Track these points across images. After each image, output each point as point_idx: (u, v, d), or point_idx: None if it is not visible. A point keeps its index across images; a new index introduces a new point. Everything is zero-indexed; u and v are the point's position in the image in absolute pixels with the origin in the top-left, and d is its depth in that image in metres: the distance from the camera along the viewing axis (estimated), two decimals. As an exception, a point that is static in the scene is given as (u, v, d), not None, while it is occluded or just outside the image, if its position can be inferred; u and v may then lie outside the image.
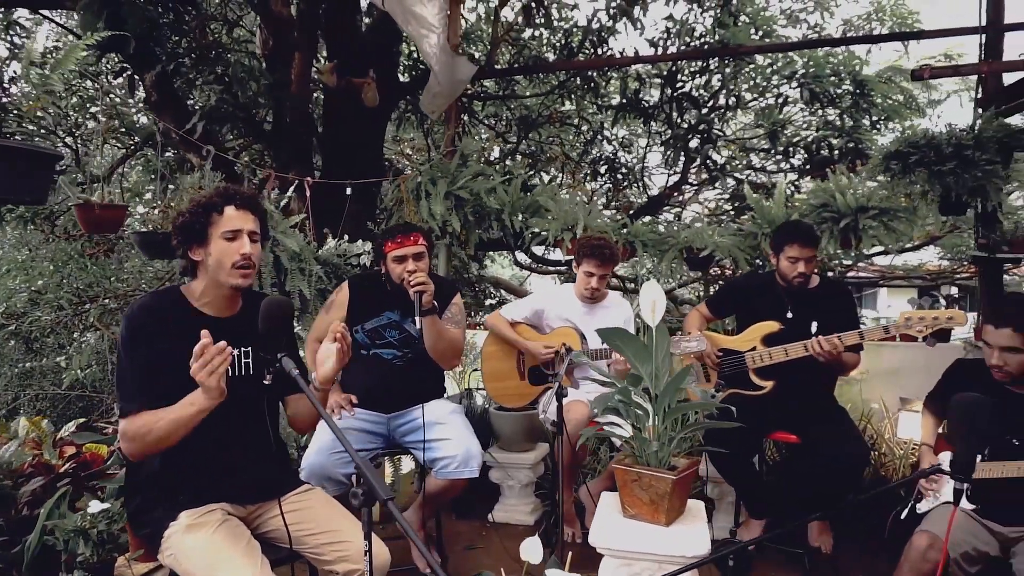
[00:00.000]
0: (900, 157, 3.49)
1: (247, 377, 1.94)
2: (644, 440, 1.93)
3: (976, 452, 1.45)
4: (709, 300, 3.42)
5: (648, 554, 1.86)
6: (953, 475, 1.46)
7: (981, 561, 2.22)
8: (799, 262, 2.96)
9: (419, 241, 2.74)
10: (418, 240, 2.74)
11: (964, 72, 3.94)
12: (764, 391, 3.04)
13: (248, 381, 1.93)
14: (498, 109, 7.76)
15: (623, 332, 1.95)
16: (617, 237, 4.77)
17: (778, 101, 5.70)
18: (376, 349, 2.88)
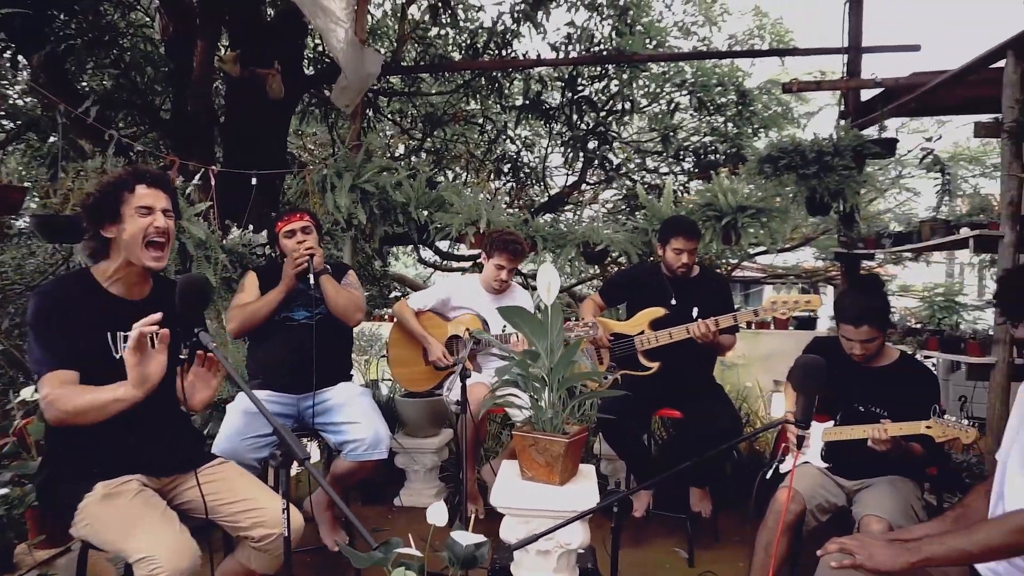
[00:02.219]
0: (772, 161, 3.87)
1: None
2: (540, 408, 2.12)
3: (813, 405, 1.72)
4: (601, 289, 3.68)
5: (544, 510, 2.05)
6: (796, 423, 1.73)
7: (831, 511, 2.55)
8: (683, 253, 3.25)
9: (304, 218, 3.01)
10: (303, 217, 3.02)
11: (826, 87, 4.40)
12: (651, 371, 3.32)
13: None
14: (403, 106, 7.84)
15: (521, 310, 2.13)
16: (519, 232, 4.99)
17: (669, 107, 6.09)
18: (287, 312, 2.98)
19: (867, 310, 2.45)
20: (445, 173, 8.13)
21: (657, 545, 3.44)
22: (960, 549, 1.58)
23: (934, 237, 3.44)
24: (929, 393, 2.45)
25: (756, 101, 5.81)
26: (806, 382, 1.70)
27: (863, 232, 4.37)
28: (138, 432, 1.91)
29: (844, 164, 3.75)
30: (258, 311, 2.91)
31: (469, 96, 7.26)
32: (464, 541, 1.94)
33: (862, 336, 2.48)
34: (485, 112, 7.59)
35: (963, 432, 2.21)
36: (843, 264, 4.69)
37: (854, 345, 2.52)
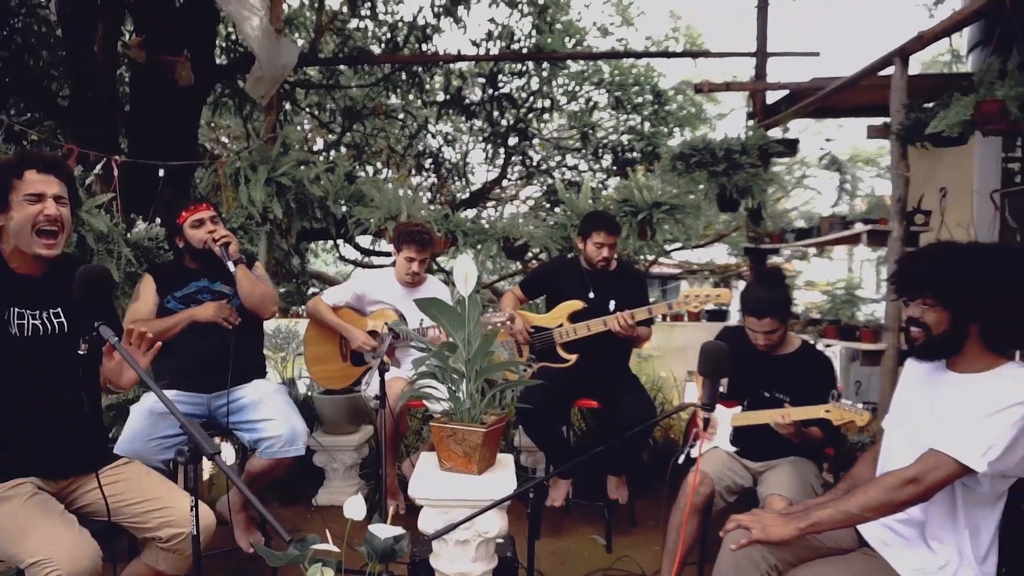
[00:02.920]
0: (684, 158, 4.01)
1: (58, 337, 1.89)
2: (458, 399, 2.13)
3: (717, 389, 1.80)
4: (522, 283, 3.72)
5: (462, 500, 2.06)
6: (701, 407, 1.81)
7: (738, 491, 2.68)
8: (604, 247, 3.33)
9: (209, 207, 2.91)
10: (209, 207, 2.91)
11: (734, 88, 4.59)
12: (569, 364, 3.38)
13: (59, 342, 1.88)
14: (322, 99, 7.68)
15: (438, 302, 2.13)
16: (439, 227, 4.97)
17: (588, 105, 6.21)
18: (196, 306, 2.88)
19: (769, 303, 2.58)
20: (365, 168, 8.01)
21: (577, 533, 3.51)
22: (844, 511, 1.69)
23: (832, 232, 3.65)
24: (827, 379, 2.60)
25: (671, 101, 6.01)
26: (710, 367, 1.78)
27: (769, 228, 4.58)
28: (32, 432, 1.81)
29: (751, 162, 3.93)
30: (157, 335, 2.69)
31: (389, 90, 7.18)
32: (382, 534, 1.93)
33: (765, 327, 2.60)
34: (406, 107, 7.52)
35: (858, 415, 2.36)
36: (751, 258, 4.91)
37: (758, 336, 2.65)
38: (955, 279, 1.68)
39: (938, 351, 1.76)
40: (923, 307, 1.74)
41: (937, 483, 1.63)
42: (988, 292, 1.65)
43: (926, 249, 1.81)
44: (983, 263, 1.69)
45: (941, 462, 1.63)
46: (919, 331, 1.76)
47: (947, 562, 1.69)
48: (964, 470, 1.60)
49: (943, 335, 1.72)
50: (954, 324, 1.71)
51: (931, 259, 1.75)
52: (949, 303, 1.70)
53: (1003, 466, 1.61)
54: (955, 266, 1.70)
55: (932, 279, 1.71)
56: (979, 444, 1.59)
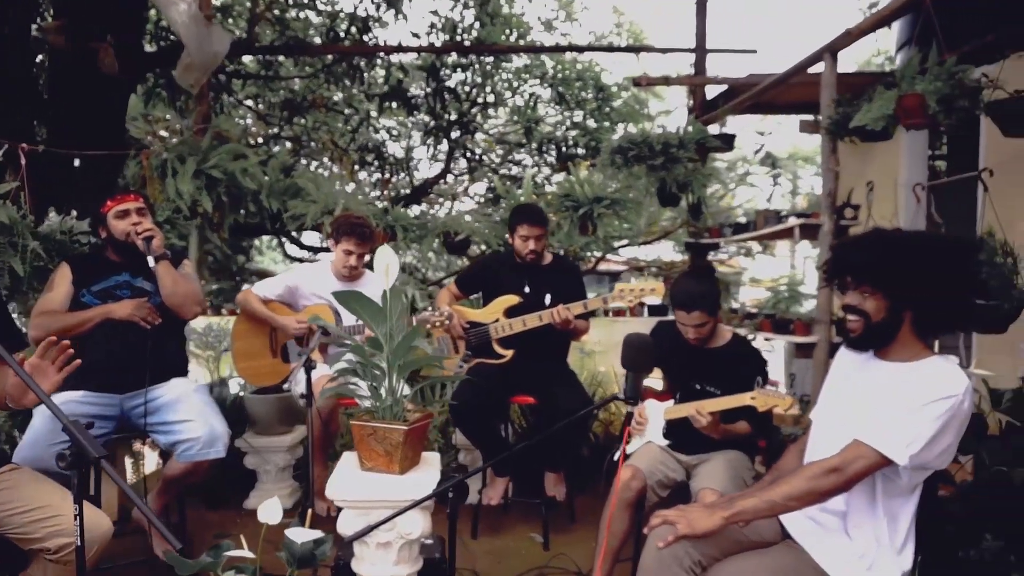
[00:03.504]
0: (622, 152, 4.00)
1: None
2: (380, 396, 2.05)
3: (641, 381, 1.77)
4: (458, 279, 3.65)
5: (383, 501, 1.98)
6: (625, 400, 1.77)
7: (671, 486, 2.66)
8: (530, 240, 3.29)
9: (139, 199, 2.82)
10: (137, 198, 2.82)
11: (673, 83, 4.61)
12: (505, 359, 3.33)
13: None
14: (260, 91, 7.47)
15: (358, 295, 2.05)
16: (378, 222, 4.87)
17: (530, 100, 6.17)
18: (112, 302, 2.75)
19: (697, 296, 2.57)
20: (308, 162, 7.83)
21: (516, 532, 3.46)
22: (768, 500, 1.67)
23: (767, 226, 3.68)
24: (756, 370, 2.60)
25: (614, 97, 6.01)
26: (632, 360, 1.75)
27: (709, 224, 4.62)
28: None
29: (688, 156, 3.94)
30: (67, 330, 2.56)
31: (331, 83, 7.02)
32: (299, 538, 1.84)
33: (694, 320, 2.59)
34: (349, 100, 7.37)
35: (781, 400, 2.36)
36: (691, 254, 4.94)
37: (688, 329, 2.64)
38: (892, 265, 1.67)
39: (876, 339, 1.75)
40: (862, 295, 1.72)
41: (859, 473, 1.62)
42: (923, 278, 1.65)
43: (861, 237, 1.80)
44: (917, 249, 1.70)
45: (864, 453, 1.62)
46: (857, 320, 1.74)
47: (865, 551, 1.68)
48: (886, 462, 1.60)
49: (881, 323, 1.71)
50: (891, 312, 1.70)
51: (869, 246, 1.74)
52: (887, 290, 1.69)
53: (924, 459, 1.61)
54: (891, 253, 1.70)
55: (871, 266, 1.70)
56: (902, 437, 1.59)
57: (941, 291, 1.66)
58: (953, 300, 1.70)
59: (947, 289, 1.67)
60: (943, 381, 1.63)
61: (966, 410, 1.61)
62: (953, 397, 1.60)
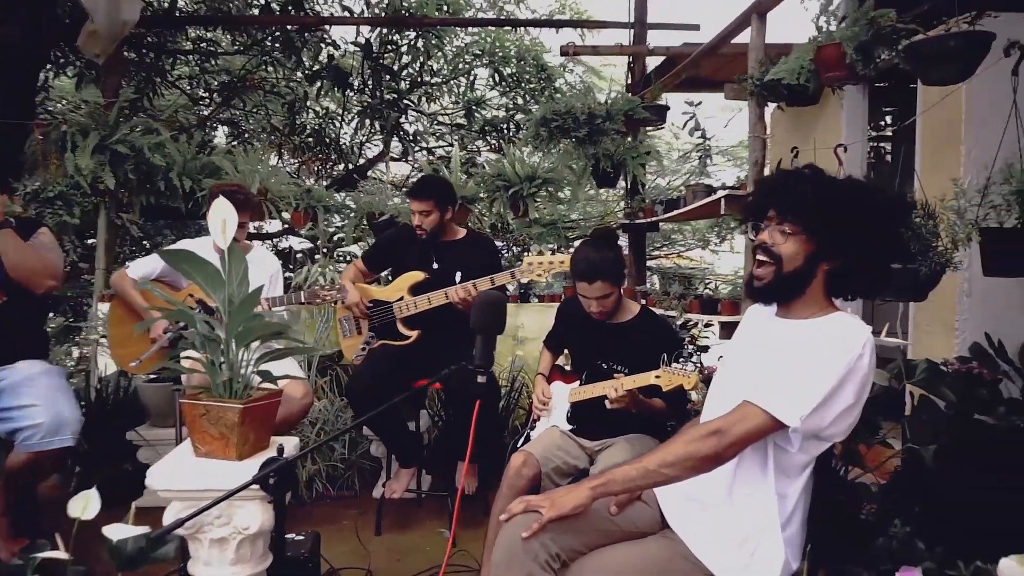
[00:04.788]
0: (546, 123, 3.77)
1: None
2: (215, 371, 1.78)
3: (492, 346, 1.54)
4: (364, 255, 3.39)
5: (215, 491, 1.72)
6: (475, 368, 1.54)
7: (571, 473, 2.42)
8: (415, 215, 3.05)
9: None
10: None
11: (602, 52, 4.40)
12: (410, 340, 3.08)
13: None
14: (192, 71, 7.12)
15: (189, 255, 1.78)
16: (298, 202, 4.60)
17: (470, 79, 5.92)
18: None
19: (599, 265, 2.34)
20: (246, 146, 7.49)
21: (425, 527, 3.21)
22: (641, 467, 1.44)
23: (696, 200, 3.48)
24: (666, 346, 2.37)
25: (556, 76, 5.79)
26: (482, 320, 1.51)
27: (645, 203, 4.42)
28: None
29: (616, 128, 3.72)
30: None
31: (267, 64, 6.71)
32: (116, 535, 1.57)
33: (597, 292, 2.36)
34: (287, 81, 7.06)
35: (686, 378, 2.14)
36: (629, 235, 4.73)
37: (591, 303, 2.40)
38: (826, 206, 1.45)
39: (784, 291, 1.53)
40: (781, 233, 1.50)
41: (743, 437, 1.40)
42: (854, 227, 1.44)
43: (798, 169, 1.57)
44: (853, 196, 1.48)
45: (749, 413, 1.40)
46: (768, 266, 1.52)
47: (750, 534, 1.46)
48: (774, 424, 1.38)
49: (794, 273, 1.49)
50: (808, 261, 1.49)
51: (805, 179, 1.52)
52: (812, 231, 1.47)
53: (817, 424, 1.39)
54: (828, 192, 1.48)
55: (803, 200, 1.47)
56: (792, 396, 1.38)
57: (868, 246, 1.46)
58: (878, 259, 1.49)
59: (875, 245, 1.46)
60: (840, 336, 1.42)
61: (865, 368, 1.40)
62: (849, 352, 1.39)
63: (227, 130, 7.87)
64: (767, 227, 1.53)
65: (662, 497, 1.64)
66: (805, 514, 1.49)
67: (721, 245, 11.10)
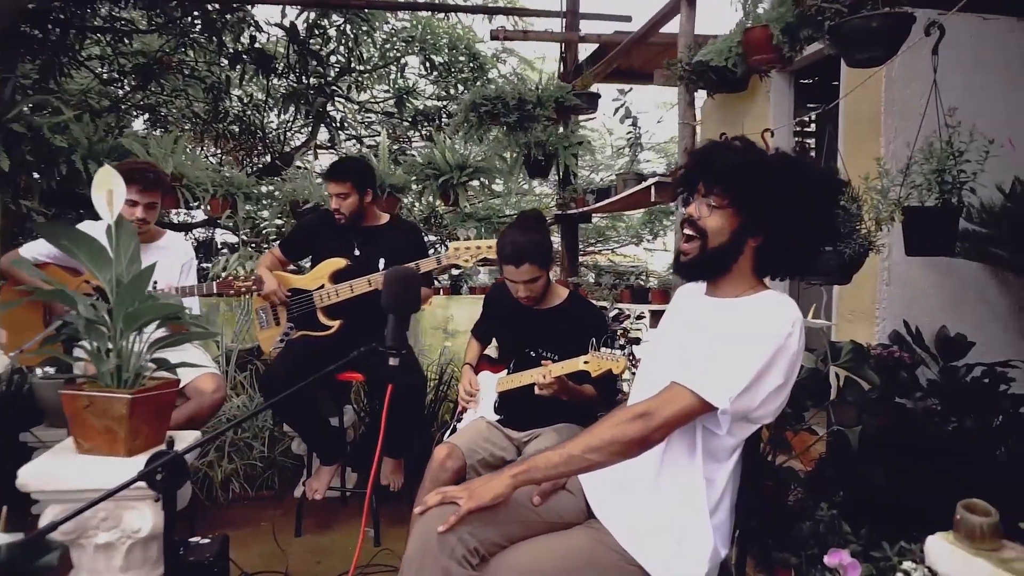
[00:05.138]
0: (475, 108, 3.67)
1: None
2: (100, 358, 1.61)
3: (404, 325, 1.43)
4: (282, 241, 3.21)
5: (100, 491, 1.55)
6: (386, 351, 1.43)
7: (498, 465, 2.33)
8: (332, 199, 2.92)
9: None
10: None
11: (532, 38, 4.33)
12: (332, 331, 2.93)
13: None
14: (104, 51, 6.70)
15: (73, 232, 1.61)
16: (217, 188, 4.37)
17: (399, 65, 5.77)
18: None
19: (526, 247, 2.26)
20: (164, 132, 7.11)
21: (349, 527, 3.07)
22: (565, 453, 1.36)
23: (627, 188, 3.44)
24: (593, 330, 2.31)
25: (489, 66, 5.69)
26: (394, 298, 1.40)
27: (576, 193, 4.37)
28: None
29: (546, 115, 3.65)
30: None
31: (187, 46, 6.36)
32: (-11, 543, 1.40)
33: (524, 275, 2.28)
34: (208, 65, 6.72)
35: (614, 362, 2.08)
36: (561, 226, 4.69)
37: (518, 287, 2.32)
38: (757, 177, 1.40)
39: (710, 267, 1.47)
40: (709, 206, 1.43)
41: (670, 419, 1.33)
42: (786, 202, 1.38)
43: (730, 140, 1.51)
44: (787, 170, 1.42)
45: (677, 395, 1.34)
46: (695, 240, 1.45)
47: (674, 523, 1.40)
48: (703, 406, 1.32)
49: (720, 248, 1.44)
50: (735, 236, 1.43)
51: (737, 150, 1.46)
52: (741, 204, 1.41)
53: (746, 405, 1.34)
54: (760, 164, 1.42)
55: (734, 170, 1.41)
56: (721, 376, 1.32)
57: (798, 223, 1.40)
58: (808, 237, 1.45)
59: (805, 222, 1.41)
60: (769, 314, 1.37)
61: (795, 347, 1.35)
62: (778, 331, 1.34)
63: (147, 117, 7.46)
64: (695, 200, 1.47)
65: (587, 485, 1.57)
66: (734, 499, 1.44)
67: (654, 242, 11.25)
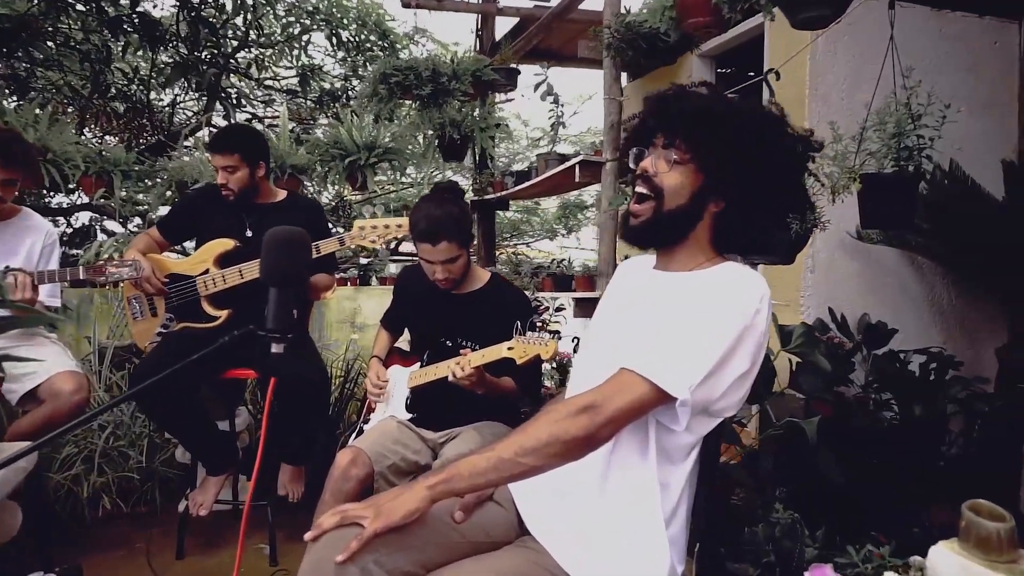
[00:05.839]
0: (385, 80, 3.36)
1: None
2: None
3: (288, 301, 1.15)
4: (161, 220, 2.80)
5: None
6: (266, 336, 1.14)
7: (413, 471, 2.06)
8: (219, 172, 2.56)
9: None
10: None
11: (447, 8, 4.06)
12: (219, 322, 2.56)
13: None
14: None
15: None
16: (90, 165, 3.89)
17: (302, 43, 5.36)
18: None
19: (442, 222, 1.99)
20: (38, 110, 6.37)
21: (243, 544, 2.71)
22: (494, 456, 1.10)
23: (549, 169, 3.23)
24: (517, 314, 2.06)
25: (401, 45, 5.36)
26: (275, 267, 1.11)
27: (493, 177, 4.14)
28: None
29: (462, 89, 3.39)
30: None
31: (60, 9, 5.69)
32: None
33: (442, 255, 2.01)
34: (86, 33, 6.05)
35: (543, 347, 1.84)
36: (478, 213, 4.44)
37: (435, 268, 2.05)
38: (726, 127, 1.19)
39: (664, 232, 1.26)
40: (668, 162, 1.22)
41: (621, 412, 1.10)
42: (756, 163, 1.19)
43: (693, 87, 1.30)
44: (763, 125, 1.23)
45: (628, 383, 1.11)
46: (648, 200, 1.24)
47: (623, 536, 1.17)
48: (658, 396, 1.10)
49: (678, 211, 1.23)
50: (695, 197, 1.23)
51: (703, 97, 1.25)
52: (705, 158, 1.20)
53: (708, 395, 1.13)
54: (729, 113, 1.21)
55: (701, 117, 1.20)
56: (679, 362, 1.11)
57: (769, 188, 1.22)
58: (776, 206, 1.26)
59: (776, 188, 1.23)
60: (733, 289, 1.17)
61: (762, 327, 1.16)
62: (744, 308, 1.14)
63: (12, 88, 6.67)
64: (650, 153, 1.25)
65: (518, 494, 1.32)
66: (690, 506, 1.23)
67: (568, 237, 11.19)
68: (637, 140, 1.31)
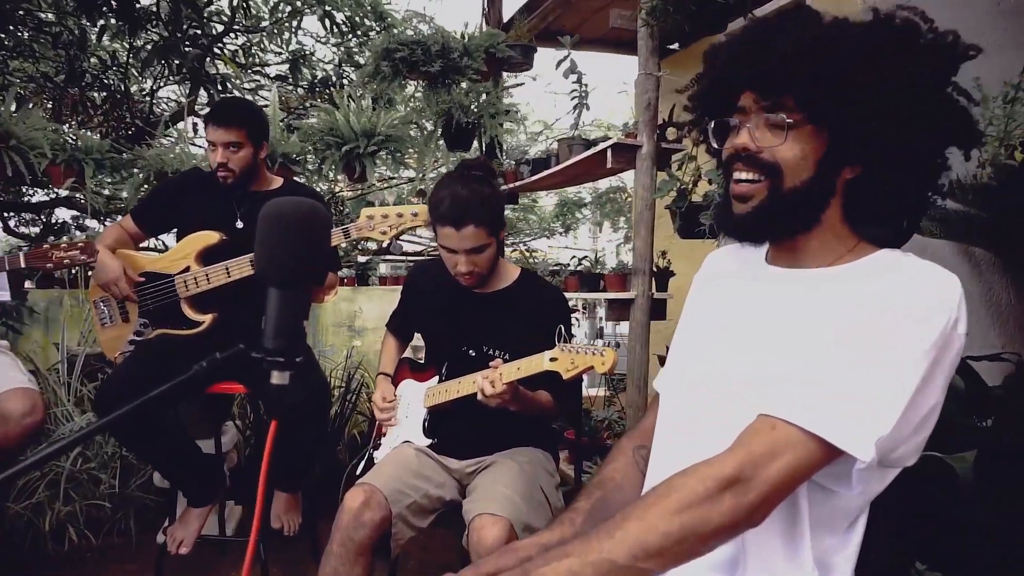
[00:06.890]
0: (389, 55, 3.01)
1: None
2: None
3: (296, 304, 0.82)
4: (135, 208, 2.43)
5: None
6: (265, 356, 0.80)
7: (436, 508, 1.71)
8: (218, 150, 2.16)
9: None
10: None
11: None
12: (202, 328, 2.20)
13: None
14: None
15: None
16: (58, 153, 3.52)
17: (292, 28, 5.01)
18: None
19: (469, 202, 1.64)
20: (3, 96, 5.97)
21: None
22: (599, 560, 0.77)
23: (573, 155, 2.89)
24: (557, 320, 1.72)
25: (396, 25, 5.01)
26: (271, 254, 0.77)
27: (504, 167, 3.79)
28: None
29: (474, 67, 3.04)
30: None
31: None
32: None
33: (468, 242, 1.65)
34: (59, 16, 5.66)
35: (597, 358, 1.48)
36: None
37: (459, 259, 1.69)
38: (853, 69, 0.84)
39: (788, 220, 0.92)
40: (777, 128, 0.88)
41: (780, 485, 0.78)
42: (900, 95, 0.83)
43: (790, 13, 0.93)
44: (898, 47, 0.86)
45: (784, 441, 0.79)
46: (757, 181, 0.90)
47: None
48: (830, 456, 0.79)
49: (804, 188, 0.89)
50: (822, 167, 0.88)
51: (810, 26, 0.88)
52: (834, 113, 0.85)
53: (895, 441, 0.80)
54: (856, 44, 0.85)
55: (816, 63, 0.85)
56: (861, 407, 0.78)
57: (927, 137, 0.87)
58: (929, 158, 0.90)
59: (937, 135, 0.88)
60: (919, 293, 0.83)
61: (958, 343, 0.82)
62: (938, 321, 0.80)
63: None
64: (742, 124, 0.91)
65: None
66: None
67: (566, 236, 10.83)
68: (711, 108, 0.96)
